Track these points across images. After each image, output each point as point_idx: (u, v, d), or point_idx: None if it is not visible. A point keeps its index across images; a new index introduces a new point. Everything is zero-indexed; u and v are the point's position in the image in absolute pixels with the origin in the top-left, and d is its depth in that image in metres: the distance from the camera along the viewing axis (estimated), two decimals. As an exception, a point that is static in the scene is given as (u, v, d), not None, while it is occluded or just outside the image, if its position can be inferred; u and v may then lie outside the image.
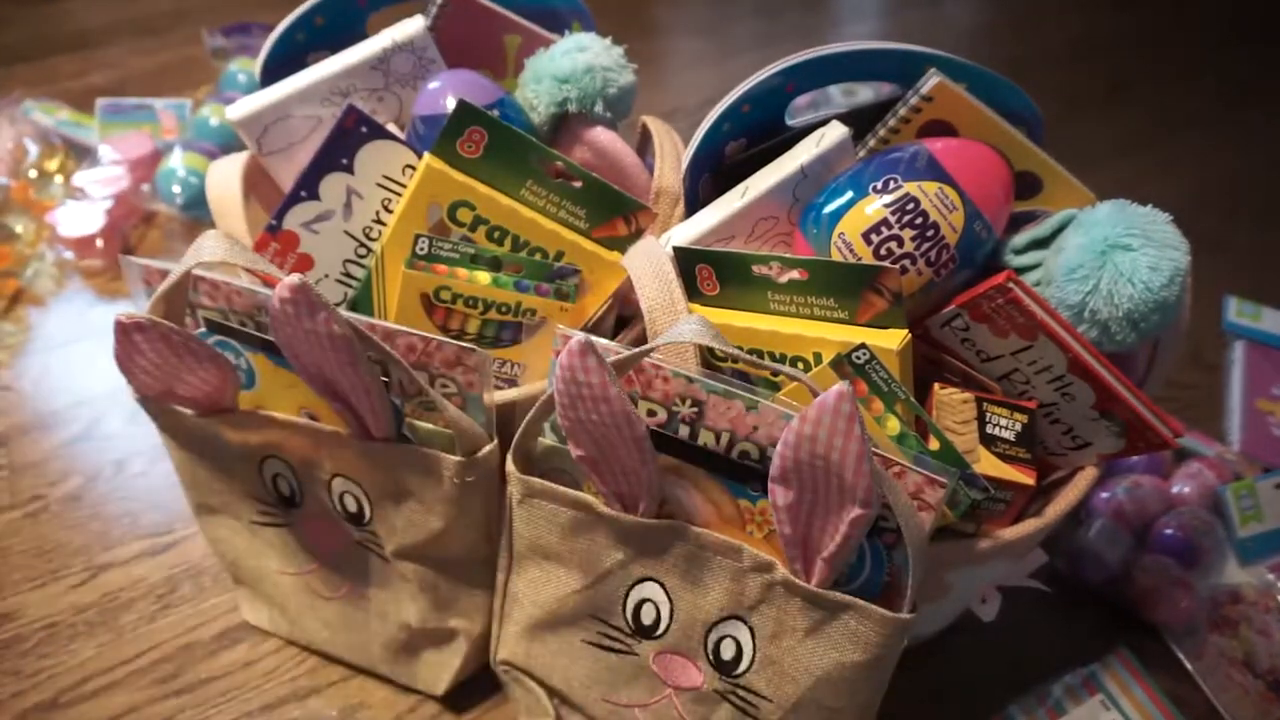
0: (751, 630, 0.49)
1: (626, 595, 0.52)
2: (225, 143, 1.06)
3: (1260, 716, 0.63)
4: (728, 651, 0.50)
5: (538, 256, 0.60)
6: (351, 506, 0.56)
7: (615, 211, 0.59)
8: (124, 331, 0.49)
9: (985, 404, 0.53)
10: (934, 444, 0.49)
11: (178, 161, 1.01)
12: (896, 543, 0.47)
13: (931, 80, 0.54)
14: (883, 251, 0.53)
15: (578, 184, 0.59)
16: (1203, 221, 1.09)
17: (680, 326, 0.46)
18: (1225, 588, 0.70)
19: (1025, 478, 0.51)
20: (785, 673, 0.48)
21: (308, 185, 0.60)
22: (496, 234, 0.60)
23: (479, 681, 0.63)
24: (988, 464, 0.51)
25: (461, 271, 0.58)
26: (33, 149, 1.06)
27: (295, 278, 0.45)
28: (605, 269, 0.60)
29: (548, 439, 0.53)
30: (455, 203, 0.59)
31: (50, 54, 1.36)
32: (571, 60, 0.63)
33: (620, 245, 0.60)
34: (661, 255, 0.55)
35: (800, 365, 0.53)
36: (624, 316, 0.65)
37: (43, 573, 0.70)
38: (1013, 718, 0.63)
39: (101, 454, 0.79)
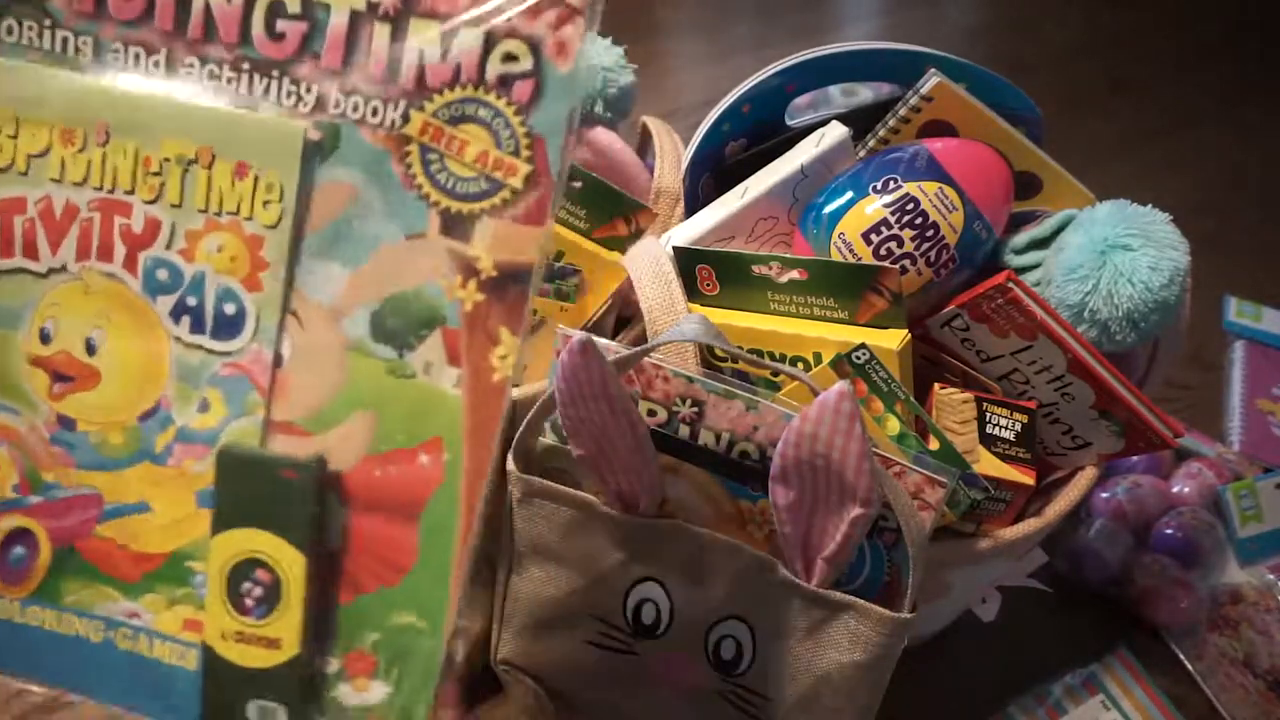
0: (751, 630, 0.49)
1: (627, 595, 0.52)
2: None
3: (1260, 716, 0.63)
4: (728, 651, 0.50)
5: (538, 256, 0.60)
6: (352, 506, 0.56)
7: (615, 211, 0.59)
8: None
9: (985, 404, 0.53)
10: (934, 444, 0.49)
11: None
12: (896, 542, 0.47)
13: (931, 80, 0.54)
14: (882, 251, 0.53)
15: (578, 184, 0.59)
16: (1203, 221, 1.09)
17: (682, 325, 0.46)
18: (1225, 588, 0.70)
19: (1025, 478, 0.51)
20: (785, 672, 0.48)
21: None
22: (497, 234, 0.60)
23: (479, 681, 0.63)
24: (988, 464, 0.51)
25: (462, 271, 0.58)
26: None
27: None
28: (605, 269, 0.60)
29: (548, 438, 0.53)
30: (455, 203, 0.59)
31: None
32: (571, 60, 0.63)
33: (620, 245, 0.60)
34: (661, 255, 0.55)
35: (800, 365, 0.53)
36: (624, 317, 0.65)
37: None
38: (1013, 718, 0.63)
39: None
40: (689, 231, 0.58)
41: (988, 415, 0.52)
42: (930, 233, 0.53)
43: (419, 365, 0.35)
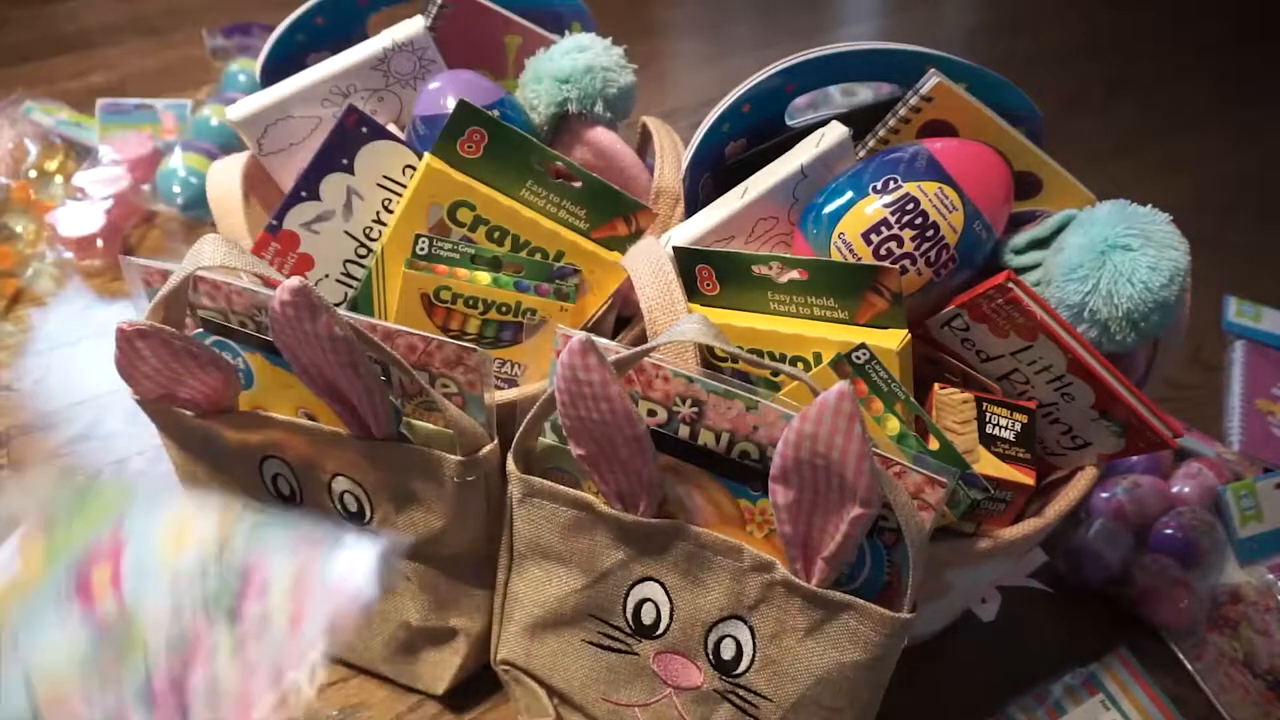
0: (751, 630, 0.49)
1: (627, 595, 0.52)
2: (225, 143, 1.06)
3: (1260, 716, 0.63)
4: (728, 651, 0.50)
5: (538, 256, 0.60)
6: (352, 506, 0.56)
7: (615, 211, 0.59)
8: (126, 339, 0.49)
9: (985, 404, 0.53)
10: (934, 444, 0.49)
11: (178, 161, 1.01)
12: (896, 542, 0.47)
13: (931, 80, 0.54)
14: (882, 251, 0.53)
15: (578, 184, 0.59)
16: (1203, 221, 1.09)
17: (681, 325, 0.46)
18: (1225, 588, 0.70)
19: (1025, 478, 0.51)
20: (785, 672, 0.48)
21: (308, 185, 0.60)
22: (496, 234, 0.60)
23: (479, 681, 0.63)
24: (987, 464, 0.51)
25: (461, 271, 0.58)
26: (33, 149, 1.06)
27: (296, 280, 0.45)
28: (605, 269, 0.60)
29: (548, 438, 0.53)
30: (455, 203, 0.59)
31: (50, 54, 1.36)
32: (572, 60, 0.63)
33: (620, 245, 0.60)
34: (661, 255, 0.55)
35: (800, 365, 0.53)
36: (624, 317, 0.65)
37: (43, 573, 0.70)
38: (1013, 718, 0.63)
39: (102, 454, 0.79)
40: (689, 231, 0.58)
41: (988, 415, 0.52)
42: (930, 233, 0.53)
43: None
